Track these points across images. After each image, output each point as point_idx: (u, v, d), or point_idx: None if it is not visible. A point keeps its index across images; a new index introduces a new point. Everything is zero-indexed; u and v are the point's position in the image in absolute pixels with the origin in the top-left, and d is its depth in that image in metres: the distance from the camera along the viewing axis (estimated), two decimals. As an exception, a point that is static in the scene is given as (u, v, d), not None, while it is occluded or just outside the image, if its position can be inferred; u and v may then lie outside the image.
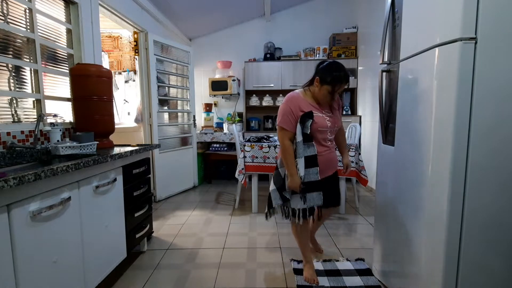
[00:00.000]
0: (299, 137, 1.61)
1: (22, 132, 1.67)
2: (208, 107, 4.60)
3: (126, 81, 4.27)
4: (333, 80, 1.57)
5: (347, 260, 1.98)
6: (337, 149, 1.91)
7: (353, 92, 4.37)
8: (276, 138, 3.18)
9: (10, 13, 1.67)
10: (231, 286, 1.73)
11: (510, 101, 1.11)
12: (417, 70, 1.32)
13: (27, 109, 1.80)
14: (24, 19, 1.76)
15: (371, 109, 3.75)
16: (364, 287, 1.68)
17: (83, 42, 2.19)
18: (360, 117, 4.12)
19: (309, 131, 1.60)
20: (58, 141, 1.77)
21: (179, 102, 3.85)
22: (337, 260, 1.98)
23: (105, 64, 3.99)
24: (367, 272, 1.82)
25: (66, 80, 2.09)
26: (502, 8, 1.08)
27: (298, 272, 1.83)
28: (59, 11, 2.07)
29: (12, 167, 1.46)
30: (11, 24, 1.66)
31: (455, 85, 1.12)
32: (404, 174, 1.45)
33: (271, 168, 2.82)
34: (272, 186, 1.78)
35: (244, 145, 2.86)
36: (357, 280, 1.75)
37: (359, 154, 2.80)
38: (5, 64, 1.65)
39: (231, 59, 4.62)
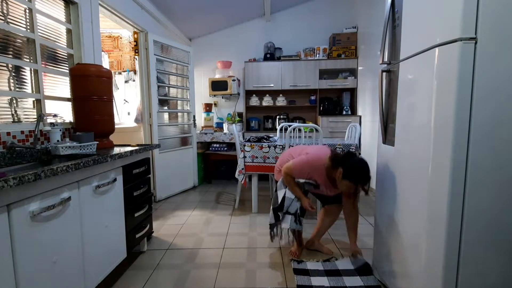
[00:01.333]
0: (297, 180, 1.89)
1: (22, 132, 1.67)
2: (208, 107, 4.60)
3: (126, 81, 4.26)
4: (356, 180, 1.67)
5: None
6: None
7: (353, 92, 4.37)
8: (275, 138, 3.20)
9: (10, 13, 1.67)
10: (231, 286, 1.73)
11: (510, 101, 1.11)
12: (417, 70, 1.32)
13: (27, 109, 1.80)
14: (24, 19, 1.76)
15: (371, 109, 3.75)
16: (364, 287, 1.68)
17: (83, 42, 2.19)
18: (360, 117, 4.12)
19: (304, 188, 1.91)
20: (58, 141, 1.77)
21: (179, 102, 3.85)
22: (337, 260, 1.98)
23: (105, 64, 3.99)
24: (367, 272, 1.82)
25: (66, 80, 2.09)
26: (502, 8, 1.08)
27: (298, 272, 1.83)
28: (59, 11, 2.07)
29: (12, 167, 1.46)
30: (11, 24, 1.66)
31: (455, 85, 1.12)
32: (404, 174, 1.45)
33: (271, 168, 2.82)
34: (272, 206, 2.01)
35: (244, 145, 2.86)
36: (357, 280, 1.75)
37: (359, 154, 2.80)
38: (5, 64, 1.65)
39: (231, 59, 4.62)
